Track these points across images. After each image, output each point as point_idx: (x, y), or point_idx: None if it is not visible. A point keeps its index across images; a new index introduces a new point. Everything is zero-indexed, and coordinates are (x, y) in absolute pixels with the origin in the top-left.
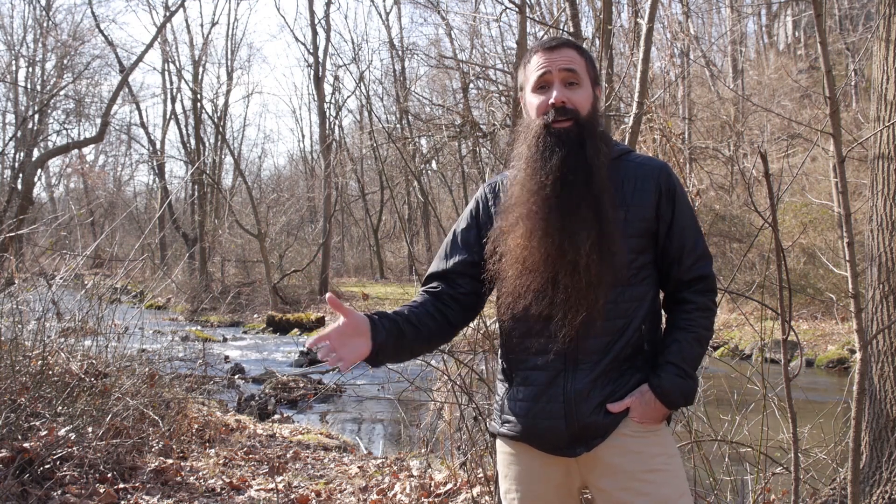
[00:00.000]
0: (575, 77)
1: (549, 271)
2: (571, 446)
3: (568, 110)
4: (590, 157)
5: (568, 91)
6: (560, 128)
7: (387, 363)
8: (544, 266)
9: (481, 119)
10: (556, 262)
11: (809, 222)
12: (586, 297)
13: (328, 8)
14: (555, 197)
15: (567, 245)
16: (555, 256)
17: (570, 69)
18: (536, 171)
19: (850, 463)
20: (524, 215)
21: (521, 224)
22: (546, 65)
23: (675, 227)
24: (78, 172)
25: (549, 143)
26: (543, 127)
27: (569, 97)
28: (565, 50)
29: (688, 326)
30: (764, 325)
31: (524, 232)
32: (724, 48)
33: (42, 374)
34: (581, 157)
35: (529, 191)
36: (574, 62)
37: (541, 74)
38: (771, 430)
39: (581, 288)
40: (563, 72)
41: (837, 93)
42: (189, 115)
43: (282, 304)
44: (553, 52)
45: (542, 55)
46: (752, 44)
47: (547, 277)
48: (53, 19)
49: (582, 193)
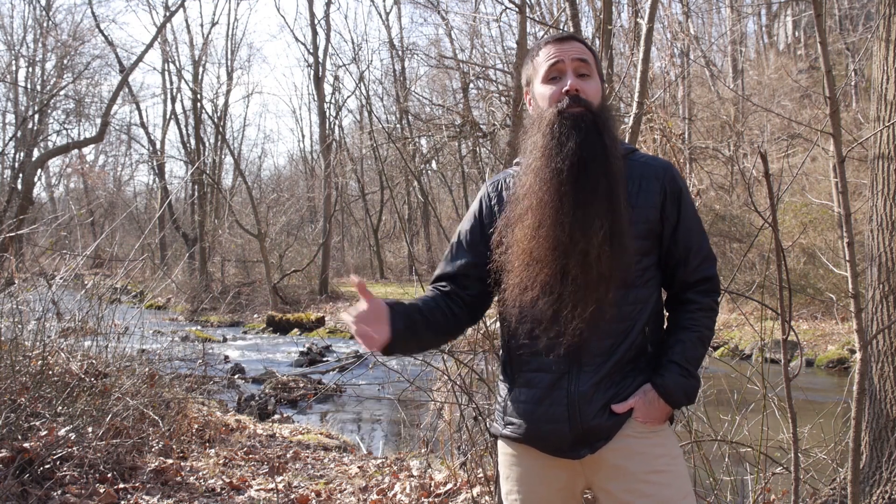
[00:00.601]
0: (587, 68)
1: (557, 262)
2: (575, 449)
3: (581, 100)
4: (608, 144)
5: (580, 81)
6: (575, 112)
7: (398, 353)
8: (552, 257)
9: (481, 119)
10: (566, 252)
11: (809, 222)
12: (596, 290)
13: (328, 8)
14: (570, 184)
15: (579, 235)
16: (565, 246)
17: (583, 59)
18: (552, 157)
19: (850, 463)
20: (534, 205)
21: (531, 214)
22: (558, 54)
23: (680, 229)
24: (78, 172)
25: (565, 127)
26: (557, 114)
27: (581, 86)
28: (575, 42)
29: (691, 326)
30: (764, 325)
31: (532, 222)
32: (724, 48)
33: (42, 374)
34: (599, 143)
35: (543, 179)
36: (584, 53)
37: (552, 64)
38: (771, 430)
39: (591, 280)
40: (575, 61)
41: (837, 93)
42: (189, 115)
43: (282, 304)
44: (563, 44)
45: (552, 46)
46: (752, 44)
47: (555, 269)
48: (53, 19)
49: (599, 181)
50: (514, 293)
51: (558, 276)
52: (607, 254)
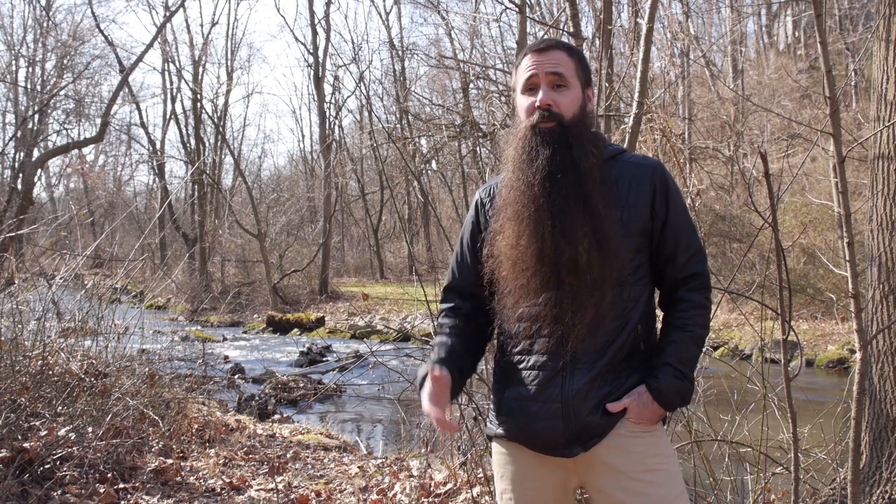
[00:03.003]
0: (561, 80)
1: (546, 269)
2: (568, 446)
3: (553, 114)
4: (577, 157)
5: (554, 93)
6: (546, 127)
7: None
8: (539, 265)
9: (481, 119)
10: (554, 261)
11: (809, 222)
12: (592, 295)
13: (328, 8)
14: (543, 196)
15: (563, 244)
16: (551, 256)
17: (556, 72)
18: (523, 171)
19: (850, 463)
20: (511, 217)
21: (509, 225)
22: (533, 67)
23: (669, 225)
24: (78, 172)
25: (535, 143)
26: (530, 128)
27: (554, 99)
28: (554, 52)
29: (684, 325)
30: (764, 325)
31: (512, 233)
32: (724, 48)
33: (42, 374)
34: (568, 157)
35: (517, 191)
36: (561, 64)
37: (528, 77)
38: (771, 430)
39: (586, 286)
40: (549, 75)
41: (837, 93)
42: (189, 115)
43: (282, 304)
44: (541, 55)
45: (531, 57)
46: (752, 44)
47: (546, 276)
48: (53, 19)
49: (571, 193)
50: (509, 300)
51: (552, 281)
52: (597, 259)
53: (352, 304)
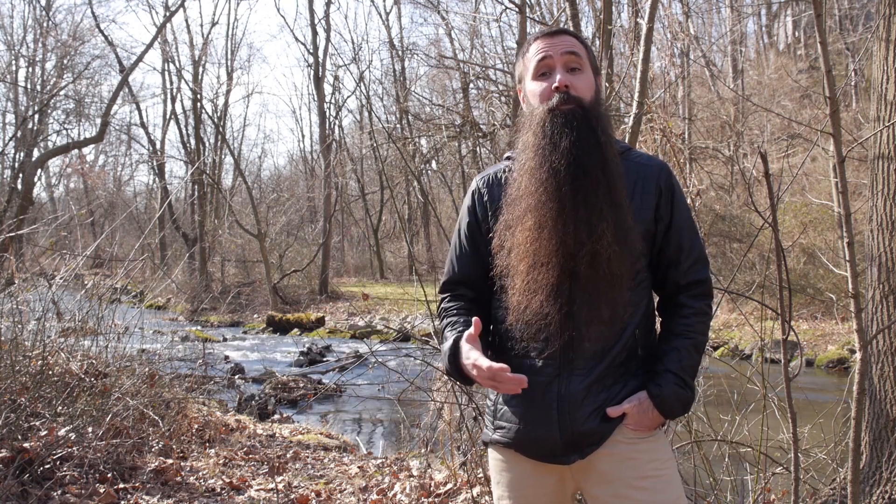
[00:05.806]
0: (577, 61)
1: (564, 264)
2: (566, 453)
3: (572, 96)
4: (603, 142)
5: (570, 76)
6: (566, 109)
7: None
8: (557, 258)
9: (481, 119)
10: (572, 254)
11: (809, 222)
12: (610, 290)
13: (328, 8)
14: (569, 184)
15: (585, 236)
16: (571, 247)
17: (572, 52)
18: (546, 157)
19: (850, 463)
20: (532, 206)
21: (530, 216)
22: (546, 49)
23: (673, 229)
24: (78, 172)
25: (557, 126)
26: (548, 111)
27: (571, 82)
28: (565, 36)
29: (686, 332)
30: (764, 325)
31: (533, 224)
32: (724, 48)
33: (42, 374)
34: (594, 140)
35: (539, 180)
36: (575, 46)
37: (541, 59)
38: (771, 430)
39: (604, 280)
40: (564, 55)
41: (837, 93)
42: (189, 115)
43: (282, 304)
44: (553, 38)
45: (541, 41)
46: (752, 44)
47: (563, 270)
48: (53, 19)
49: (598, 179)
50: (520, 298)
51: (567, 278)
52: (617, 254)
53: (352, 304)
